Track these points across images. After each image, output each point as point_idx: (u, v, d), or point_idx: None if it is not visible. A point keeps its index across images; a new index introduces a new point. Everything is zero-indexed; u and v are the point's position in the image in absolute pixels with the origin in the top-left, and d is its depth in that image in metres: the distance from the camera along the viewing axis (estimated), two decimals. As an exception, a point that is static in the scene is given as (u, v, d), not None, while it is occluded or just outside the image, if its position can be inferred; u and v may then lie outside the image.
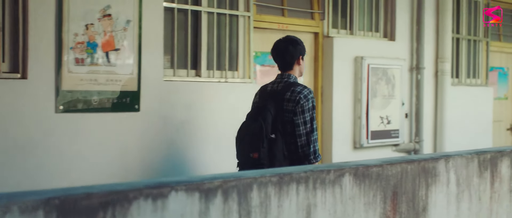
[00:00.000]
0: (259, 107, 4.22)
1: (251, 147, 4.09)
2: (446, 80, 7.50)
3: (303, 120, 4.15)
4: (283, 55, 4.33)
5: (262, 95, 4.34)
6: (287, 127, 4.13)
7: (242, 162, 4.25)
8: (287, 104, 4.15)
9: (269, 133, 4.08)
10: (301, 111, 4.14)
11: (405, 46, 7.20)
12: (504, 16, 8.93)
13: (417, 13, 7.27)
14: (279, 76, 4.33)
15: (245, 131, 4.19)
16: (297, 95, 4.15)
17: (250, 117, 4.24)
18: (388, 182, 3.45)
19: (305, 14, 6.41)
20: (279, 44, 4.38)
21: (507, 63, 9.06)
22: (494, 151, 4.39)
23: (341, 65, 6.46)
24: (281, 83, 4.27)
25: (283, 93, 4.18)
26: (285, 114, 4.14)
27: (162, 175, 4.97)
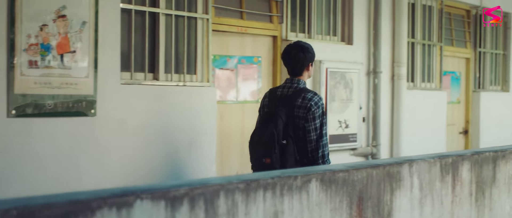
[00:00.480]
0: (270, 113, 4.30)
1: (264, 152, 4.20)
2: (402, 84, 7.54)
3: (314, 126, 4.25)
4: (293, 61, 4.37)
5: (272, 99, 4.40)
6: (298, 133, 4.23)
7: (256, 166, 4.35)
8: (298, 110, 4.25)
9: (281, 139, 4.18)
10: (312, 117, 4.24)
11: (362, 50, 7.20)
12: (455, 21, 9.07)
13: (374, 18, 7.29)
14: (289, 81, 4.40)
15: (258, 136, 4.28)
16: (308, 102, 4.25)
17: (262, 122, 4.33)
18: (354, 187, 3.41)
19: (263, 17, 6.34)
20: (290, 50, 4.43)
21: (459, 67, 9.19)
22: (455, 155, 4.41)
23: (299, 69, 6.41)
24: (291, 88, 4.34)
25: (294, 100, 4.27)
26: (296, 120, 4.23)
27: (120, 182, 4.82)
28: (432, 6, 8.26)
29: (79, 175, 4.70)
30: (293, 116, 4.24)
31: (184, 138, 5.40)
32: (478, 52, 9.31)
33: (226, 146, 6.01)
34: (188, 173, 5.42)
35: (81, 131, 4.73)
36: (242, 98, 6.16)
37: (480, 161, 4.72)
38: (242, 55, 6.15)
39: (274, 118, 4.23)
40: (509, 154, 5.04)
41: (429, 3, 8.21)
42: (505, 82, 9.90)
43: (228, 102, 6.03)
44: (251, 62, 6.21)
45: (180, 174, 5.35)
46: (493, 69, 9.69)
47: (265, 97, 4.53)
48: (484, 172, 4.77)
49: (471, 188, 4.67)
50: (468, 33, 9.27)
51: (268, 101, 4.45)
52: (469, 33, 9.28)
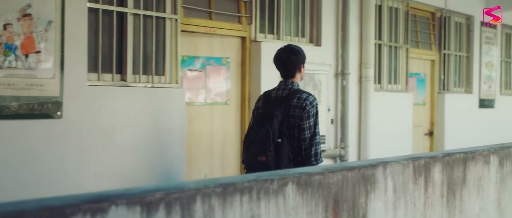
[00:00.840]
0: (266, 113, 4.43)
1: (259, 150, 4.29)
2: (369, 86, 7.54)
3: (309, 124, 4.41)
4: (285, 64, 4.57)
5: (267, 101, 4.55)
6: (293, 132, 4.39)
7: (251, 165, 4.41)
8: (293, 110, 4.41)
9: (276, 138, 4.32)
10: (307, 116, 4.41)
11: (330, 51, 7.17)
12: (420, 23, 9.13)
13: (342, 19, 7.27)
14: (283, 83, 4.57)
15: (254, 135, 4.37)
16: (303, 102, 4.42)
17: (258, 122, 4.44)
18: (329, 190, 3.37)
19: (232, 18, 6.26)
20: (281, 53, 4.64)
21: (424, 69, 9.25)
22: (427, 157, 4.40)
23: (268, 71, 6.33)
24: (286, 90, 4.51)
25: (289, 100, 4.44)
26: (291, 119, 4.39)
27: (88, 186, 4.68)
28: (398, 8, 8.29)
29: (45, 179, 4.55)
30: (289, 115, 4.39)
31: (153, 140, 5.29)
32: (442, 54, 9.39)
33: (195, 148, 5.91)
34: (158, 176, 5.31)
35: (46, 134, 4.57)
36: (211, 100, 6.07)
37: (451, 162, 4.73)
38: (211, 56, 6.06)
39: (270, 117, 4.35)
40: (478, 155, 5.06)
41: (395, 5, 8.24)
42: (469, 84, 10.02)
43: (197, 104, 5.93)
44: (219, 64, 6.13)
45: (149, 177, 5.24)
46: (457, 71, 9.79)
47: (260, 100, 4.67)
48: (455, 173, 4.79)
49: (443, 189, 4.68)
50: (433, 35, 9.34)
51: (263, 103, 4.59)
52: (434, 35, 9.35)
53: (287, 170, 3.42)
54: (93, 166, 4.85)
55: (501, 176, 5.56)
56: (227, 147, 6.23)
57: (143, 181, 5.16)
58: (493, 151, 5.36)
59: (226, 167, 6.22)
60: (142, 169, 5.19)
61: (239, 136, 6.33)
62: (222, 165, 6.18)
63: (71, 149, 4.70)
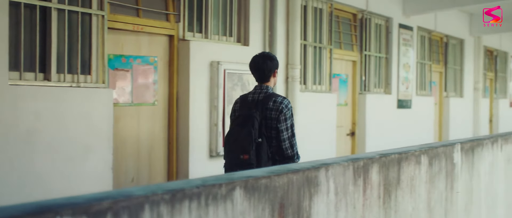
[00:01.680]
0: (246, 115, 4.69)
1: (241, 149, 4.60)
2: (296, 87, 7.49)
3: (286, 126, 4.68)
4: (262, 68, 4.80)
5: (244, 104, 4.82)
6: (270, 132, 4.68)
7: (232, 163, 4.69)
8: (270, 112, 4.68)
9: (257, 138, 4.63)
10: (284, 118, 4.67)
11: (258, 51, 7.04)
12: (343, 24, 9.20)
13: (270, 19, 7.18)
14: (258, 87, 4.83)
15: (236, 135, 4.67)
16: (279, 105, 4.67)
17: (239, 123, 4.69)
18: (276, 194, 3.25)
19: (160, 16, 6.03)
20: (257, 59, 4.85)
21: (346, 70, 9.31)
22: (366, 158, 4.36)
23: (197, 70, 6.17)
24: (262, 93, 4.79)
25: (266, 103, 4.71)
26: (268, 121, 4.67)
27: (11, 193, 4.35)
28: (322, 8, 8.30)
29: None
30: (266, 117, 4.68)
31: (79, 143, 4.99)
32: (364, 55, 9.50)
33: (121, 151, 5.65)
34: (84, 182, 5.02)
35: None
36: (138, 101, 5.82)
37: (387, 163, 4.72)
38: (138, 55, 5.81)
39: (251, 119, 4.66)
40: (411, 155, 5.09)
41: (320, 6, 8.24)
42: (388, 85, 10.19)
43: (123, 105, 5.67)
44: (147, 63, 5.89)
45: (75, 183, 4.95)
46: (377, 72, 9.94)
47: (236, 103, 4.92)
48: (391, 174, 4.78)
49: (380, 190, 4.66)
50: (354, 36, 9.43)
51: (240, 106, 4.86)
52: (356, 36, 9.44)
53: (233, 174, 3.27)
54: (14, 170, 4.52)
55: (431, 175, 5.62)
56: (154, 149, 6.00)
57: (69, 185, 4.86)
58: (424, 151, 5.41)
59: (153, 170, 5.99)
60: (68, 174, 4.89)
61: (167, 137, 6.11)
62: (149, 168, 5.95)
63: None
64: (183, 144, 6.11)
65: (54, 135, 4.78)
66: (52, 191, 4.68)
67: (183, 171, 6.09)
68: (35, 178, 4.63)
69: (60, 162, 4.83)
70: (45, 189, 4.66)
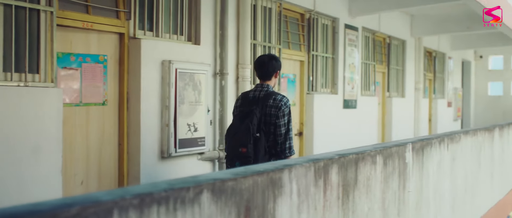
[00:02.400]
0: (246, 111, 5.08)
1: (240, 143, 4.95)
2: (246, 87, 7.40)
3: (283, 122, 5.08)
4: (266, 67, 5.19)
5: (245, 101, 5.21)
6: (269, 128, 5.04)
7: (231, 155, 5.06)
8: (270, 109, 5.06)
9: (255, 132, 4.98)
10: (282, 115, 5.08)
11: (209, 51, 6.95)
12: (291, 24, 9.17)
13: (221, 18, 7.07)
14: (259, 86, 5.23)
15: (236, 129, 5.03)
16: (278, 102, 5.08)
17: (239, 118, 5.08)
18: (241, 197, 3.17)
19: (110, 13, 5.83)
20: (264, 58, 5.29)
21: (295, 70, 9.29)
22: (326, 159, 4.33)
23: (148, 70, 6.00)
24: (262, 91, 5.17)
25: (266, 100, 5.09)
26: (267, 117, 5.05)
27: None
28: (271, 8, 8.25)
29: None
30: (266, 114, 5.06)
31: (27, 145, 4.76)
32: (311, 55, 9.51)
33: (70, 153, 5.43)
34: (33, 186, 4.79)
35: None
36: (87, 101, 5.61)
37: (346, 163, 4.70)
38: (87, 53, 5.60)
39: (250, 115, 5.02)
40: (367, 155, 5.09)
41: (269, 5, 8.19)
42: (334, 85, 10.24)
43: (72, 105, 5.46)
44: (96, 61, 5.69)
45: (24, 187, 4.71)
46: (324, 72, 9.96)
47: (238, 99, 5.37)
48: (349, 174, 4.77)
49: (339, 191, 4.64)
50: (302, 36, 9.42)
51: (241, 103, 5.25)
52: (303, 36, 9.43)
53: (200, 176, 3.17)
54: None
55: (385, 175, 5.65)
56: (104, 151, 5.80)
57: (18, 189, 4.63)
58: (379, 151, 5.43)
59: (103, 172, 5.79)
60: (15, 179, 4.66)
61: (117, 139, 5.92)
62: (99, 171, 5.75)
63: None
64: (134, 145, 5.93)
65: (0, 136, 4.54)
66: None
67: (134, 173, 5.92)
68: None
69: (7, 164, 4.59)
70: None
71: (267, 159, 5.17)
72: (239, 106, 5.24)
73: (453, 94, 17.72)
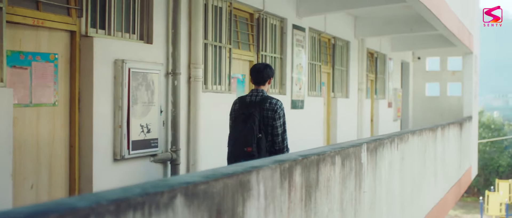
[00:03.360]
0: (247, 114, 5.69)
1: (245, 143, 5.58)
2: (198, 87, 7.28)
3: (280, 123, 5.78)
4: (262, 74, 5.87)
5: (243, 105, 5.82)
6: (267, 129, 5.70)
7: (236, 154, 5.69)
8: (266, 112, 5.71)
9: (257, 133, 5.63)
10: (278, 117, 5.76)
11: (162, 50, 6.79)
12: (240, 24, 9.10)
13: (173, 16, 6.92)
14: (255, 91, 5.88)
15: (239, 131, 5.67)
16: (274, 106, 5.75)
17: (241, 121, 5.69)
18: (213, 201, 3.10)
19: (61, 10, 5.61)
20: (260, 65, 6.02)
21: (244, 70, 9.22)
22: (290, 160, 4.29)
23: (101, 69, 5.80)
24: (258, 96, 5.81)
25: (263, 104, 5.74)
26: (265, 119, 5.70)
27: None
28: (222, 7, 8.14)
29: None
30: (263, 116, 5.70)
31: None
32: (260, 55, 9.45)
33: (20, 156, 5.19)
34: None
35: None
36: (37, 101, 5.38)
37: (308, 164, 4.68)
38: (38, 52, 5.36)
39: (252, 117, 5.65)
40: (327, 156, 5.08)
41: (219, 4, 8.08)
42: (282, 85, 10.22)
43: (21, 106, 5.21)
44: (47, 60, 5.46)
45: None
46: (273, 72, 9.92)
47: (235, 103, 5.94)
48: (311, 175, 4.75)
49: (302, 192, 4.62)
50: (251, 36, 9.35)
51: (239, 106, 5.85)
52: (253, 36, 9.37)
53: (171, 180, 3.06)
54: None
55: (343, 176, 5.66)
56: (55, 153, 5.57)
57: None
58: (337, 151, 5.43)
59: (53, 176, 5.56)
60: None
61: (68, 141, 5.70)
62: (49, 174, 5.51)
63: None
64: (86, 147, 5.72)
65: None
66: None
67: (86, 176, 5.71)
68: None
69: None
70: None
71: (268, 156, 5.63)
72: (237, 110, 5.83)
73: (393, 95, 18.04)
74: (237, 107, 5.84)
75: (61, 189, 5.63)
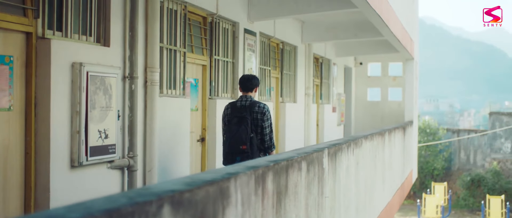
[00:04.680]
0: (240, 116, 6.77)
1: (241, 142, 6.65)
2: (155, 91, 7.10)
3: (268, 124, 6.90)
4: (250, 82, 7.05)
5: (234, 109, 6.90)
6: (257, 129, 6.80)
7: (232, 151, 6.71)
8: (256, 115, 6.81)
9: (250, 133, 6.71)
10: (266, 119, 6.87)
11: (119, 53, 6.58)
12: (194, 28, 8.97)
13: (131, 19, 6.73)
14: (244, 97, 7.00)
15: (235, 131, 6.71)
16: (262, 109, 6.86)
17: (235, 123, 6.76)
18: (196, 209, 3.01)
19: (16, 10, 5.35)
20: (248, 76, 7.17)
21: (197, 75, 9.08)
22: (263, 166, 4.22)
23: (58, 72, 5.57)
24: (247, 101, 6.92)
25: (252, 108, 6.84)
26: (254, 121, 6.78)
27: None
28: (177, 10, 7.99)
29: None
30: (253, 118, 6.79)
31: None
32: (214, 59, 9.34)
33: (-27, 163, 4.92)
34: None
35: None
36: (-9, 106, 5.11)
37: (279, 170, 4.64)
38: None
39: (245, 120, 6.73)
40: (294, 162, 5.04)
41: (174, 7, 7.93)
42: (234, 90, 10.12)
43: (-25, 111, 4.94)
44: (2, 63, 5.20)
45: None
46: (225, 77, 9.83)
47: (227, 108, 7.03)
48: (281, 182, 4.70)
49: (274, 199, 4.57)
50: (204, 40, 9.23)
51: (231, 110, 6.94)
52: (206, 40, 9.25)
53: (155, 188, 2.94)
54: None
55: (308, 182, 5.63)
56: (10, 160, 5.30)
57: None
58: (303, 157, 5.40)
59: (8, 184, 5.29)
60: None
61: (24, 147, 5.44)
62: (3, 182, 5.24)
63: None
64: (43, 154, 5.48)
65: None
66: None
67: (43, 184, 5.46)
68: None
69: None
70: None
71: (258, 153, 6.81)
72: (230, 114, 6.88)
73: (337, 100, 18.22)
74: (229, 112, 6.89)
75: (16, 198, 5.37)
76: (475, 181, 31.70)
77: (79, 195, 5.85)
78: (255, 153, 6.69)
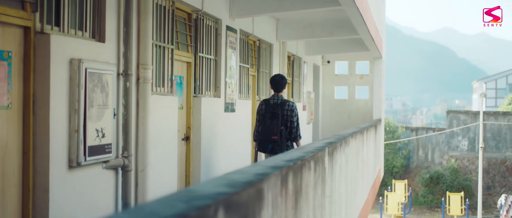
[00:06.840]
0: (273, 112, 8.58)
1: (272, 133, 8.43)
2: (148, 89, 6.90)
3: (296, 119, 8.71)
4: (280, 83, 8.86)
5: (268, 106, 8.68)
6: (287, 123, 8.55)
7: (265, 140, 8.51)
8: (286, 112, 8.58)
9: (280, 126, 8.47)
10: (295, 115, 8.71)
11: (114, 49, 6.37)
12: (179, 24, 8.79)
13: (125, 14, 6.52)
14: (276, 96, 8.78)
15: (268, 124, 8.50)
16: (291, 107, 8.65)
17: (269, 117, 8.57)
18: (240, 212, 2.90)
19: (14, 3, 5.11)
20: (277, 77, 8.91)
21: (182, 72, 8.90)
22: (284, 166, 4.13)
23: (57, 69, 5.35)
24: (279, 99, 8.73)
25: (283, 105, 8.62)
26: (284, 117, 8.54)
27: None
28: (165, 6, 7.80)
29: None
30: (284, 115, 8.57)
31: None
32: (198, 57, 9.17)
33: (-28, 164, 4.67)
34: None
35: None
36: (-10, 103, 4.86)
37: (296, 170, 4.54)
38: (-10, 49, 4.86)
39: (276, 115, 8.52)
40: (306, 161, 4.96)
41: (163, 3, 7.74)
42: (217, 88, 9.98)
43: (-27, 109, 4.70)
44: (0, 59, 4.96)
45: None
46: (208, 74, 9.68)
47: (262, 104, 8.81)
48: (298, 182, 4.62)
49: (293, 200, 4.49)
50: (189, 37, 9.05)
51: (265, 107, 8.73)
52: (191, 37, 9.07)
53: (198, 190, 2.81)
54: None
55: (315, 181, 5.56)
56: (7, 160, 5.05)
57: None
58: (312, 156, 5.32)
59: (6, 184, 5.05)
60: None
61: (22, 147, 5.20)
62: (1, 186, 5.00)
63: None
64: (42, 154, 5.24)
65: None
66: None
67: (42, 185, 5.24)
68: None
69: None
70: None
71: (286, 143, 8.47)
72: (264, 109, 8.66)
73: (307, 98, 18.20)
74: (264, 108, 8.67)
75: (13, 200, 5.13)
76: (434, 178, 32.25)
77: (77, 197, 5.64)
78: (284, 142, 8.36)
